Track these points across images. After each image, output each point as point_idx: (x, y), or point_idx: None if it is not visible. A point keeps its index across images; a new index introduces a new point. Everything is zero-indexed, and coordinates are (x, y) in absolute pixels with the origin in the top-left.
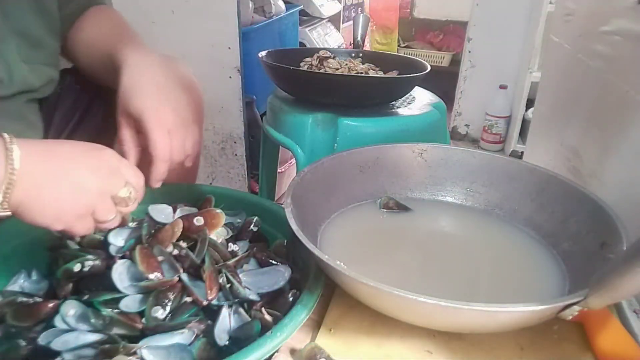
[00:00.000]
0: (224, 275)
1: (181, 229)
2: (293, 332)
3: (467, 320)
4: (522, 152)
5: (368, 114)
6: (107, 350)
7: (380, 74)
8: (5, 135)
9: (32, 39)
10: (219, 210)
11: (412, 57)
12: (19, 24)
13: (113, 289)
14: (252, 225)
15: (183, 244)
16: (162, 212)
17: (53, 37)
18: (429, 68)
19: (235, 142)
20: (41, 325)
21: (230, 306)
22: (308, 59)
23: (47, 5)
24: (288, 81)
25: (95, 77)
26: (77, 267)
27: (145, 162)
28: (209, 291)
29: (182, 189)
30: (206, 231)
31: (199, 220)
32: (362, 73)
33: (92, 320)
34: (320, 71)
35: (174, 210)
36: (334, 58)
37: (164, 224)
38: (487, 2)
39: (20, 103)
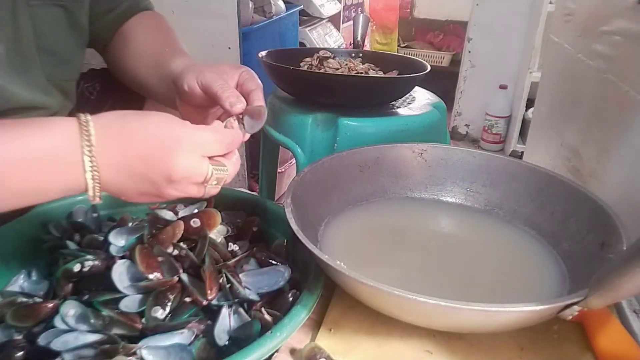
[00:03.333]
0: (224, 275)
1: (182, 231)
2: (293, 332)
3: (467, 320)
4: (522, 152)
5: (368, 114)
6: (106, 350)
7: (380, 74)
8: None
9: (61, 56)
10: (214, 210)
11: (412, 57)
12: (49, 41)
13: (113, 289)
14: (252, 225)
15: (183, 245)
16: (166, 215)
17: (80, 52)
18: (429, 68)
19: None
20: (41, 326)
21: (230, 306)
22: (308, 59)
23: (80, 19)
24: (288, 81)
25: (144, 87)
26: (77, 267)
27: None
28: (208, 291)
29: None
30: (206, 230)
31: (195, 222)
32: (362, 73)
33: (92, 321)
34: (320, 71)
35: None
36: (334, 58)
37: (169, 221)
38: (487, 2)
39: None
